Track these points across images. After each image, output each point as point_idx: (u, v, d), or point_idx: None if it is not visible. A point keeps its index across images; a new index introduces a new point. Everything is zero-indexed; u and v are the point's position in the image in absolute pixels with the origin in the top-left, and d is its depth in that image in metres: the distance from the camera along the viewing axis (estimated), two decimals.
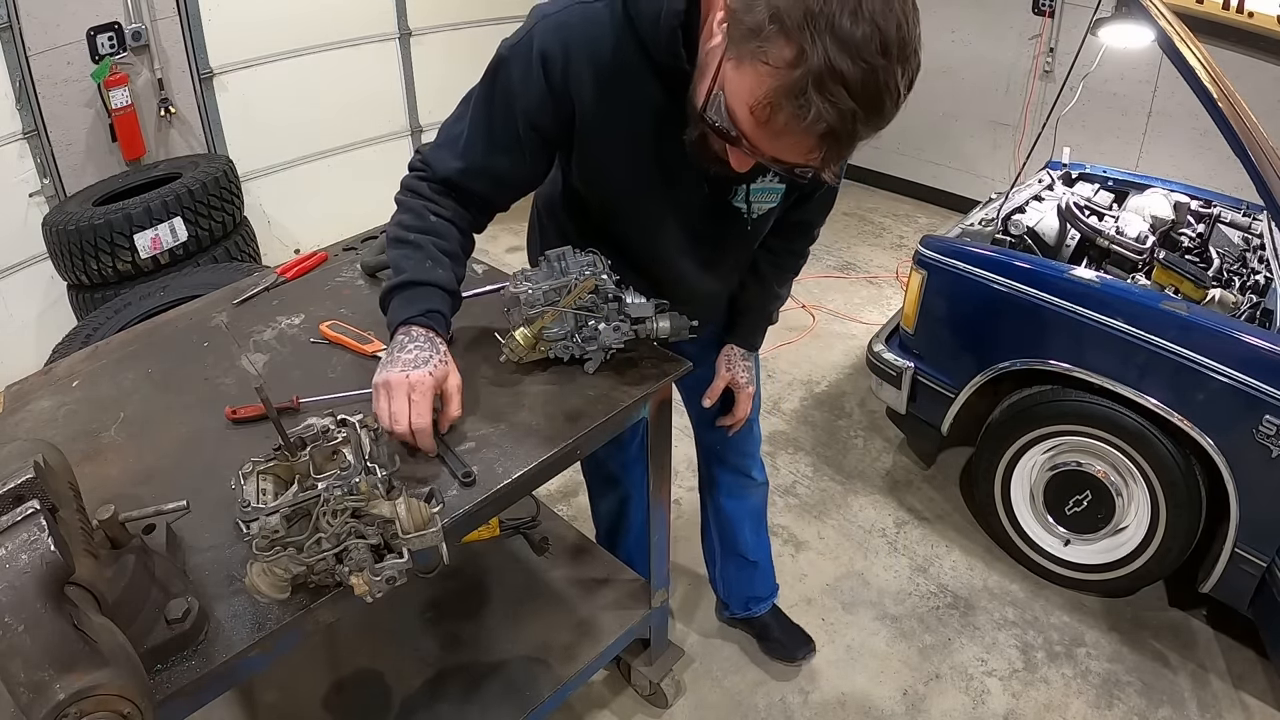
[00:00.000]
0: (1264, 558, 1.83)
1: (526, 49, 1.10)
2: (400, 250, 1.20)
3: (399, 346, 1.15)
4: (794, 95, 0.85)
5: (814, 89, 0.84)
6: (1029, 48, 3.88)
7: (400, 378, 1.11)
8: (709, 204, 1.26)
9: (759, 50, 0.86)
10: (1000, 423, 2.21)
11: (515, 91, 1.12)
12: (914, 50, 0.87)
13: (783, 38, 0.84)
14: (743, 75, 0.90)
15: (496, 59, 1.14)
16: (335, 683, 1.59)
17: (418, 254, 1.19)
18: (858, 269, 3.93)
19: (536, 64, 1.09)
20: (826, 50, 0.82)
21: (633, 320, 1.26)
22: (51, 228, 2.76)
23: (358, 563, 0.90)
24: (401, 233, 1.21)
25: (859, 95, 0.85)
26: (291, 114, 3.65)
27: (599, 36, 1.08)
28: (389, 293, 1.20)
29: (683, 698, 1.95)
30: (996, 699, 1.96)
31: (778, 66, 0.86)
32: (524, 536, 1.89)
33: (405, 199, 1.23)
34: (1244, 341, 1.76)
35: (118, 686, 0.72)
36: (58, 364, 1.45)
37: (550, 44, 1.09)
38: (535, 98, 1.12)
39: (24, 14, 2.81)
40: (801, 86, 0.84)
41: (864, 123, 0.87)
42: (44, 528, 0.73)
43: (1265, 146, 2.07)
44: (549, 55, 1.09)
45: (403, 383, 1.11)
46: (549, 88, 1.11)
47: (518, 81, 1.12)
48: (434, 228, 1.20)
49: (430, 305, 1.18)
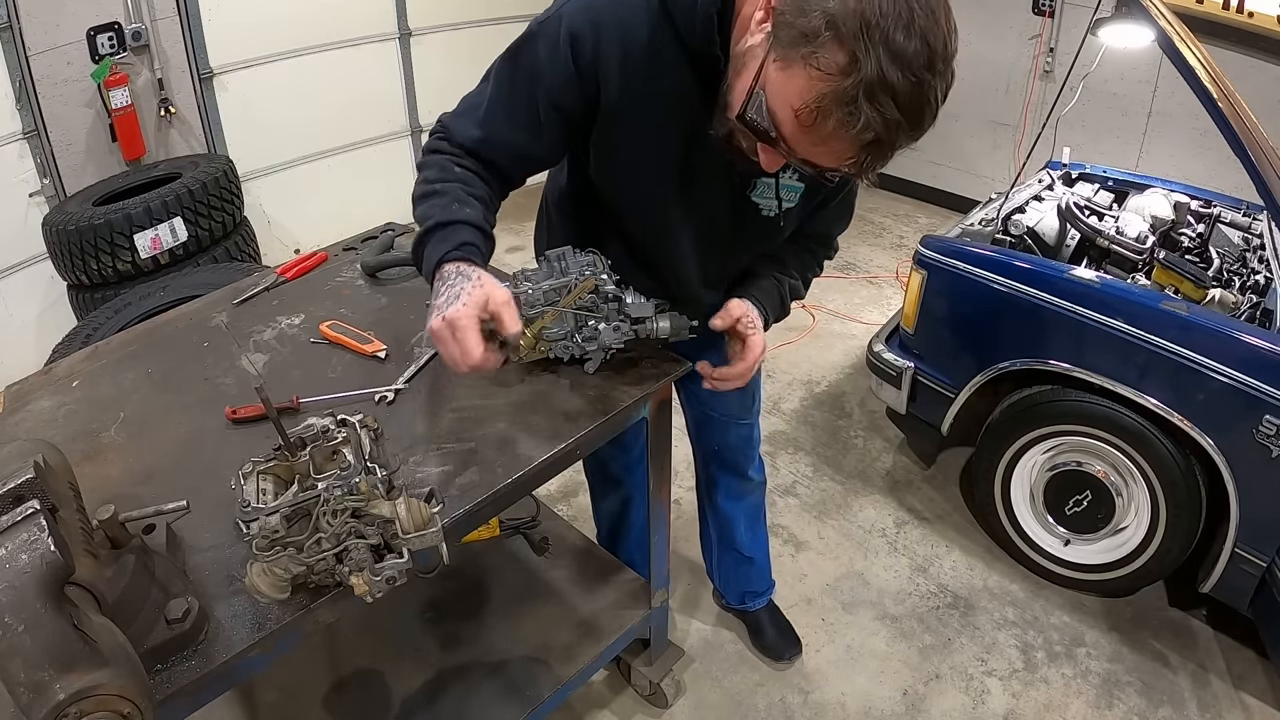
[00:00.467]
0: (1264, 558, 1.83)
1: (555, 27, 1.08)
2: (426, 203, 1.15)
3: (435, 293, 1.08)
4: (844, 102, 0.87)
5: (864, 97, 0.86)
6: (1029, 48, 3.88)
7: (439, 324, 1.04)
8: (732, 199, 1.25)
9: (811, 55, 0.87)
10: (1000, 423, 2.21)
11: (540, 70, 1.10)
12: (952, 66, 0.89)
13: (837, 44, 0.85)
14: (790, 78, 0.90)
15: (524, 35, 1.12)
16: (335, 683, 1.59)
17: (443, 199, 1.14)
18: (858, 269, 3.93)
19: (565, 44, 1.07)
20: (880, 61, 0.84)
21: (633, 320, 1.26)
22: (51, 228, 2.76)
23: (358, 563, 0.90)
24: (426, 187, 1.17)
25: (905, 107, 0.86)
26: (291, 114, 3.66)
27: (631, 19, 1.06)
28: (419, 244, 1.14)
29: (683, 698, 1.95)
30: (996, 699, 1.96)
31: (829, 73, 0.86)
32: (524, 536, 1.89)
33: (427, 159, 1.20)
34: (1244, 341, 1.76)
35: (118, 686, 0.72)
36: (58, 364, 1.45)
37: (580, 24, 1.07)
38: (560, 78, 1.10)
39: (24, 14, 2.81)
40: (852, 95, 0.86)
41: (906, 133, 0.90)
42: (44, 528, 0.73)
43: (1265, 146, 2.07)
44: (578, 35, 1.07)
45: (442, 327, 1.04)
46: (576, 69, 1.08)
47: (544, 60, 1.10)
48: (459, 176, 1.17)
49: (460, 239, 1.11)
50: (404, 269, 1.61)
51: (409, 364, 1.33)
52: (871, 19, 0.84)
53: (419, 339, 1.40)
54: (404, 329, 1.43)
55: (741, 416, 1.77)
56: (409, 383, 1.29)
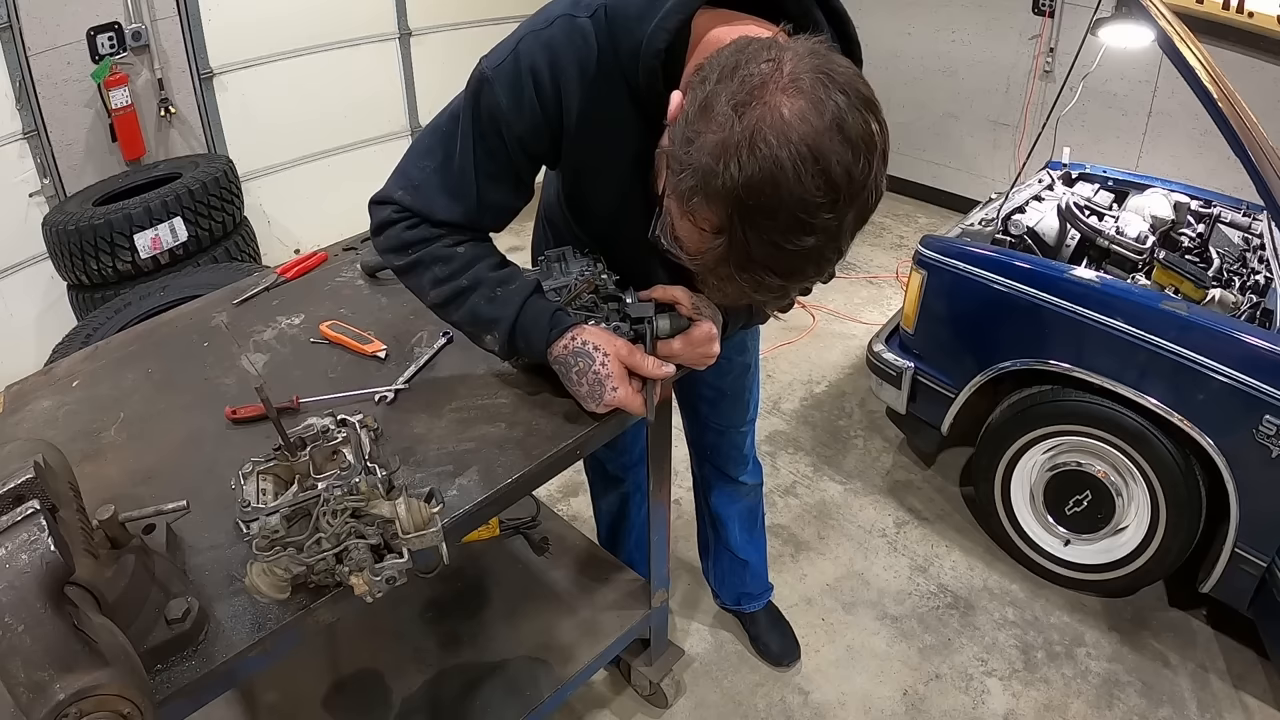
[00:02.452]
0: (1264, 558, 1.83)
1: (513, 68, 1.02)
2: (464, 303, 1.13)
3: (568, 381, 1.16)
4: (727, 262, 0.84)
5: (737, 269, 0.83)
6: (1029, 48, 3.88)
7: (605, 409, 1.15)
8: None
9: (692, 208, 0.82)
10: (1000, 423, 2.21)
11: (504, 116, 1.04)
12: (868, 186, 0.80)
13: (708, 205, 0.80)
14: (681, 220, 0.87)
15: (476, 82, 1.05)
16: (335, 683, 1.59)
17: (482, 290, 1.12)
18: (858, 269, 3.93)
19: (527, 82, 1.02)
20: (746, 236, 0.79)
21: (632, 320, 1.26)
22: (51, 228, 2.76)
23: (358, 563, 0.90)
24: (446, 290, 1.13)
25: (787, 274, 0.84)
26: (292, 114, 3.66)
27: (585, 55, 1.02)
28: (508, 346, 1.15)
29: (683, 698, 1.95)
30: (996, 699, 1.96)
31: (708, 231, 0.82)
32: (524, 536, 1.89)
33: (416, 256, 1.13)
34: (1244, 341, 1.76)
35: (118, 686, 0.72)
36: (58, 364, 1.45)
37: (538, 60, 1.02)
38: (528, 120, 1.04)
39: (24, 14, 2.81)
40: (734, 259, 0.83)
41: (799, 281, 0.86)
42: (44, 528, 0.73)
43: (1265, 146, 2.07)
44: (538, 71, 1.02)
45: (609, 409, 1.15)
46: (541, 106, 1.04)
47: (506, 105, 1.03)
48: (470, 257, 1.13)
49: (542, 321, 1.12)
50: None
51: (409, 364, 1.33)
52: (737, 179, 0.76)
53: (419, 339, 1.40)
54: (404, 329, 1.43)
55: (736, 424, 1.77)
56: (409, 383, 1.29)
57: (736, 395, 1.72)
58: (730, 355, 1.64)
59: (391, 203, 1.13)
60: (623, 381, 1.13)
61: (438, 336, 1.38)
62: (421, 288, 1.16)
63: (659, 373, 1.15)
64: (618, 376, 1.13)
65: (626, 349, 1.14)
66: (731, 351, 1.64)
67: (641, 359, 1.14)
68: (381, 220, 1.14)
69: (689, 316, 1.24)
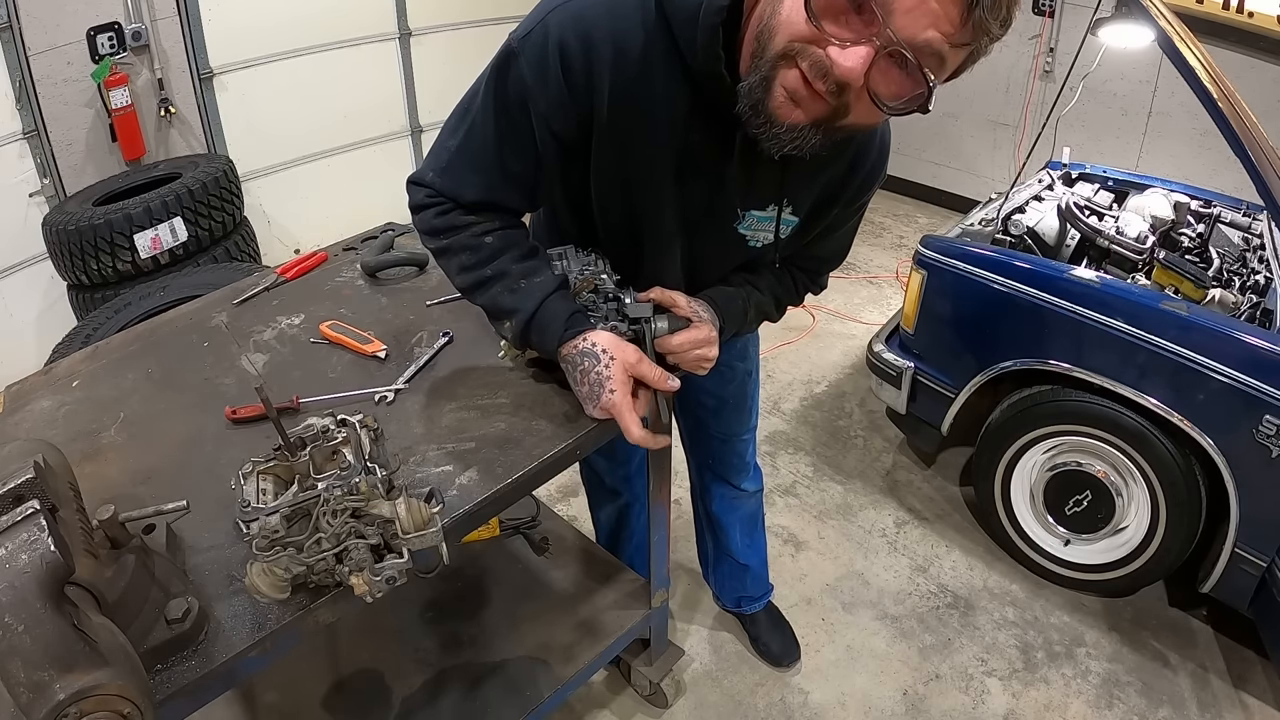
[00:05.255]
0: (1264, 558, 1.83)
1: (540, 41, 0.97)
2: (486, 291, 1.13)
3: (572, 380, 1.16)
4: None
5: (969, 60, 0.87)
6: (1029, 48, 3.88)
7: (599, 414, 1.15)
8: (721, 232, 1.19)
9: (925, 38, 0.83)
10: (1000, 423, 2.21)
11: (529, 91, 0.99)
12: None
13: None
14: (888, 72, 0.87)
15: (503, 54, 1.00)
16: (335, 683, 1.59)
17: (505, 281, 1.11)
18: (858, 269, 3.93)
19: (554, 57, 0.96)
20: None
21: (630, 320, 1.26)
22: (51, 228, 2.76)
23: (358, 563, 0.90)
24: (471, 277, 1.13)
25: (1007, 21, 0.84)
26: (292, 114, 3.65)
27: (624, 29, 0.96)
28: (521, 337, 1.15)
29: (683, 698, 1.95)
30: (996, 699, 1.96)
31: (950, 44, 0.85)
32: (524, 536, 1.89)
33: (447, 243, 1.12)
34: (1244, 341, 1.76)
35: (118, 686, 0.72)
36: (58, 364, 1.45)
37: (568, 35, 0.96)
38: (553, 99, 0.99)
39: (24, 14, 2.80)
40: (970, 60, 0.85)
41: None
42: (44, 528, 0.73)
43: (1265, 146, 2.07)
44: (567, 46, 0.96)
45: (604, 414, 1.14)
46: (567, 85, 0.98)
47: (532, 79, 0.98)
48: (496, 247, 1.11)
49: (557, 320, 1.12)
50: (404, 269, 1.61)
51: (409, 364, 1.33)
52: None
53: (419, 339, 1.40)
54: (404, 329, 1.43)
55: (738, 431, 1.76)
56: (409, 383, 1.29)
57: (739, 403, 1.71)
58: (732, 362, 1.64)
59: (425, 185, 1.12)
60: (622, 387, 1.12)
61: (438, 336, 1.39)
62: (450, 271, 1.17)
63: (665, 385, 1.15)
64: (618, 380, 1.12)
65: (635, 356, 1.14)
66: (733, 358, 1.63)
67: (649, 368, 1.14)
68: (417, 202, 1.15)
69: (687, 318, 1.25)
